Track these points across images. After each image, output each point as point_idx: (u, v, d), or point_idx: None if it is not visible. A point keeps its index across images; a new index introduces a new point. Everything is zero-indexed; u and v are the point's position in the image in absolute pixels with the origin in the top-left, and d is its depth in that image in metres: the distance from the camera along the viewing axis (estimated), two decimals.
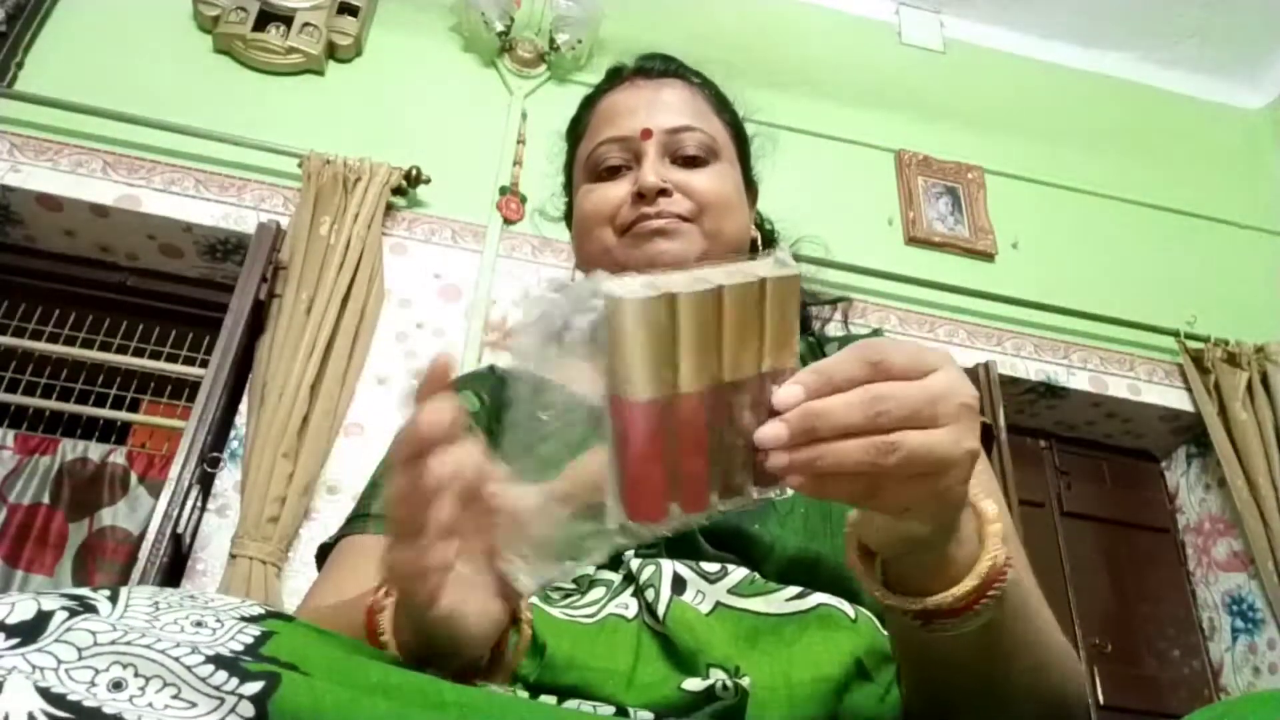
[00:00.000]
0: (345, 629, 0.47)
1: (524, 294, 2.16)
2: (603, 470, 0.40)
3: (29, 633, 0.33)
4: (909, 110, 2.83)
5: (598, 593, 0.61)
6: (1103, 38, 3.05)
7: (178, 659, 0.33)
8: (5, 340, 2.07)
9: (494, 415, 0.75)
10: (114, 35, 2.32)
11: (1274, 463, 2.36)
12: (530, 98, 2.51)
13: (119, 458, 2.06)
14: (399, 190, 2.23)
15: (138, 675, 0.33)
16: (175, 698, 0.32)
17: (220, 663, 0.34)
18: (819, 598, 0.60)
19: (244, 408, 1.97)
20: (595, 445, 0.41)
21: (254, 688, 0.33)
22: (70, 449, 2.05)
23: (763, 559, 0.62)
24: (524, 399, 0.42)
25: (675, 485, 0.41)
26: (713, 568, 0.60)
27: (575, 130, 0.88)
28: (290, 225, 2.12)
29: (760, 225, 0.90)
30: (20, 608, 0.34)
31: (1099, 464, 2.70)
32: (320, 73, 2.41)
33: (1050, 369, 2.51)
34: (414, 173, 2.23)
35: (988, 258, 2.64)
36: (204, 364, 1.98)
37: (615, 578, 0.61)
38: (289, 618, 0.41)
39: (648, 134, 0.78)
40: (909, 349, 0.41)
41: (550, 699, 0.53)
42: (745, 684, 0.51)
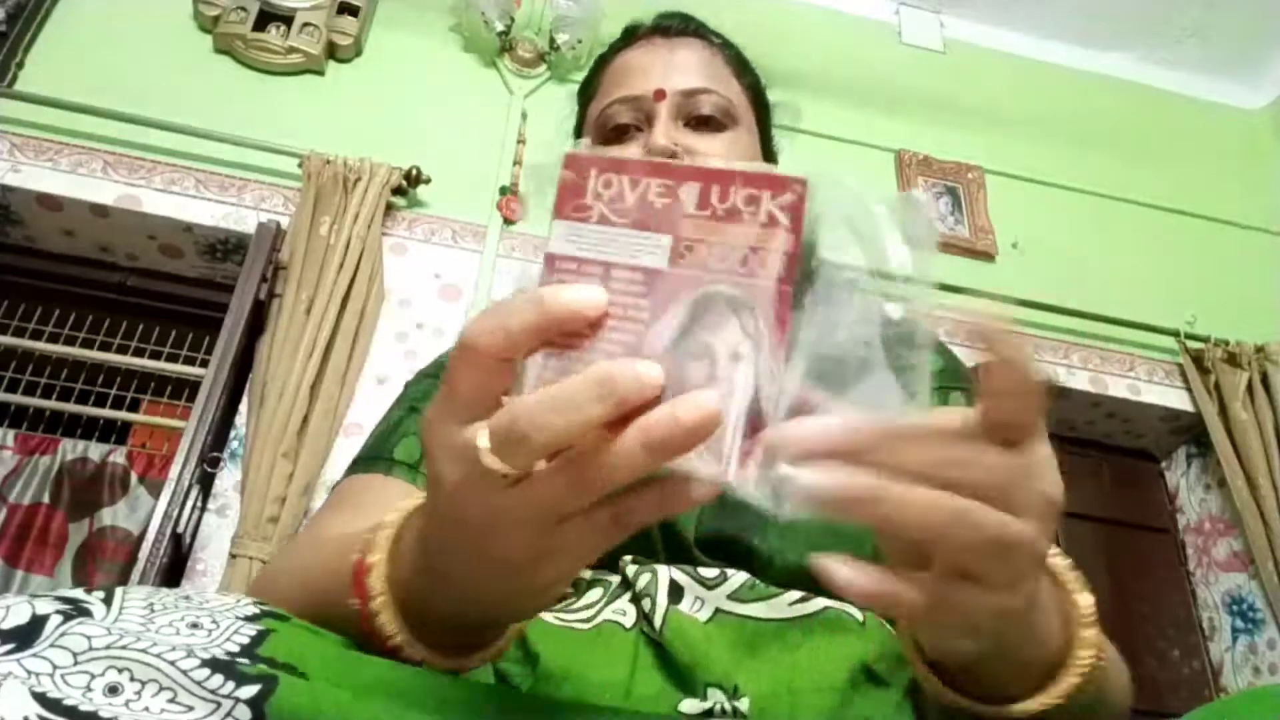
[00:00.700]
0: (321, 577, 0.44)
1: None
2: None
3: (24, 637, 0.33)
4: (909, 110, 2.82)
5: (595, 594, 0.59)
6: (1103, 38, 3.04)
7: (173, 663, 0.33)
8: (5, 340, 2.07)
9: None
10: (114, 35, 2.32)
11: (1274, 463, 2.35)
12: (530, 98, 2.50)
13: (119, 457, 2.07)
14: (399, 190, 2.23)
15: (133, 679, 0.33)
16: (171, 701, 0.32)
17: (216, 666, 0.34)
18: (825, 601, 0.56)
19: (244, 408, 1.97)
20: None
21: (250, 691, 0.33)
22: (70, 449, 2.05)
23: (761, 571, 0.59)
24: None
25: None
26: (711, 573, 0.58)
27: (586, 91, 0.84)
28: (290, 225, 2.11)
29: None
30: (14, 612, 0.34)
31: (1099, 464, 2.69)
32: (320, 73, 2.41)
33: (1050, 369, 2.50)
34: (414, 173, 2.23)
35: (988, 258, 2.64)
36: (204, 364, 1.98)
37: (614, 579, 0.59)
38: (285, 616, 0.40)
39: (661, 95, 0.73)
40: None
41: None
42: (743, 706, 0.49)
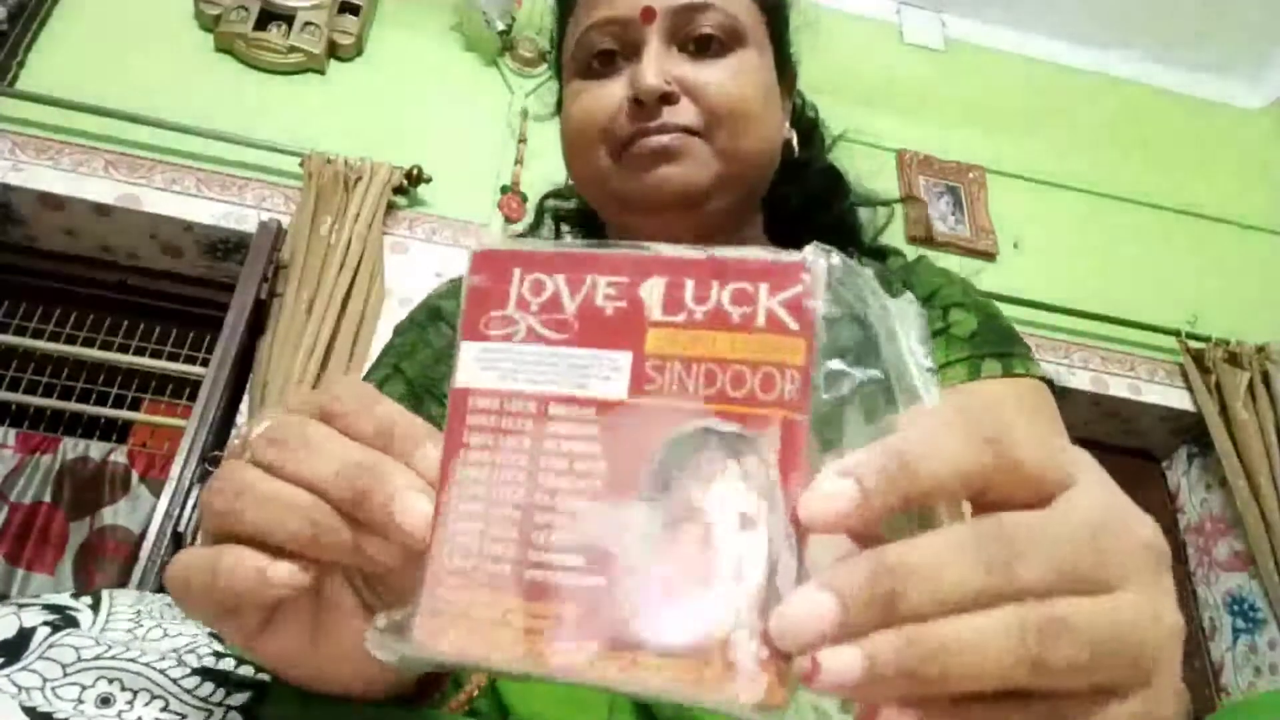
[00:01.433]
0: None
1: None
2: None
3: (12, 651, 0.33)
4: (910, 110, 2.82)
5: None
6: (1104, 37, 3.04)
7: (163, 671, 0.33)
8: (6, 339, 2.07)
9: None
10: (115, 34, 2.32)
11: (1275, 463, 2.35)
12: (531, 97, 2.50)
13: (120, 456, 2.07)
14: (400, 189, 2.23)
15: (124, 689, 0.33)
16: (164, 711, 0.32)
17: (207, 674, 0.34)
18: None
19: (245, 407, 1.97)
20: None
21: (242, 698, 0.33)
22: (71, 448, 2.05)
23: None
24: None
25: None
26: None
27: (565, 2, 0.68)
28: (291, 224, 2.11)
29: (799, 118, 0.73)
30: (1, 625, 0.34)
31: (1099, 464, 2.69)
32: (321, 72, 2.41)
33: (1051, 369, 2.50)
34: (415, 172, 2.23)
35: (989, 257, 2.63)
36: (205, 363, 1.98)
37: None
38: None
39: (649, 14, 0.60)
40: (1036, 433, 0.25)
41: None
42: None
